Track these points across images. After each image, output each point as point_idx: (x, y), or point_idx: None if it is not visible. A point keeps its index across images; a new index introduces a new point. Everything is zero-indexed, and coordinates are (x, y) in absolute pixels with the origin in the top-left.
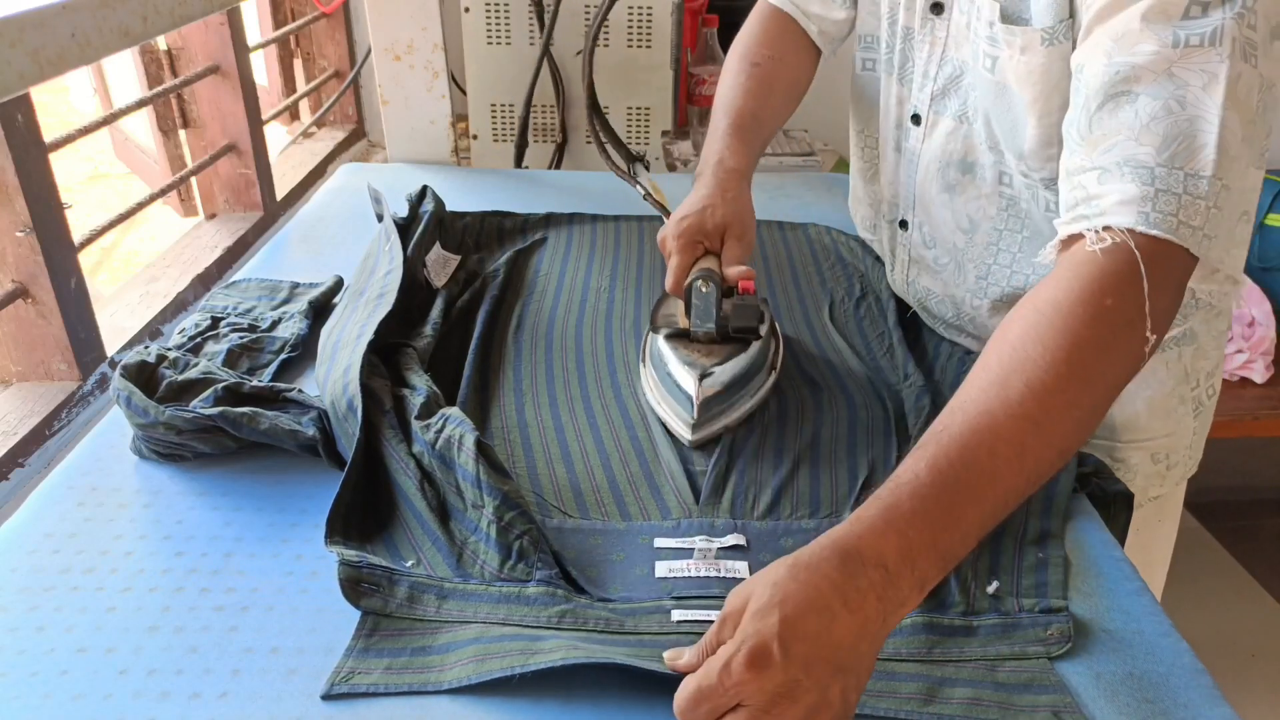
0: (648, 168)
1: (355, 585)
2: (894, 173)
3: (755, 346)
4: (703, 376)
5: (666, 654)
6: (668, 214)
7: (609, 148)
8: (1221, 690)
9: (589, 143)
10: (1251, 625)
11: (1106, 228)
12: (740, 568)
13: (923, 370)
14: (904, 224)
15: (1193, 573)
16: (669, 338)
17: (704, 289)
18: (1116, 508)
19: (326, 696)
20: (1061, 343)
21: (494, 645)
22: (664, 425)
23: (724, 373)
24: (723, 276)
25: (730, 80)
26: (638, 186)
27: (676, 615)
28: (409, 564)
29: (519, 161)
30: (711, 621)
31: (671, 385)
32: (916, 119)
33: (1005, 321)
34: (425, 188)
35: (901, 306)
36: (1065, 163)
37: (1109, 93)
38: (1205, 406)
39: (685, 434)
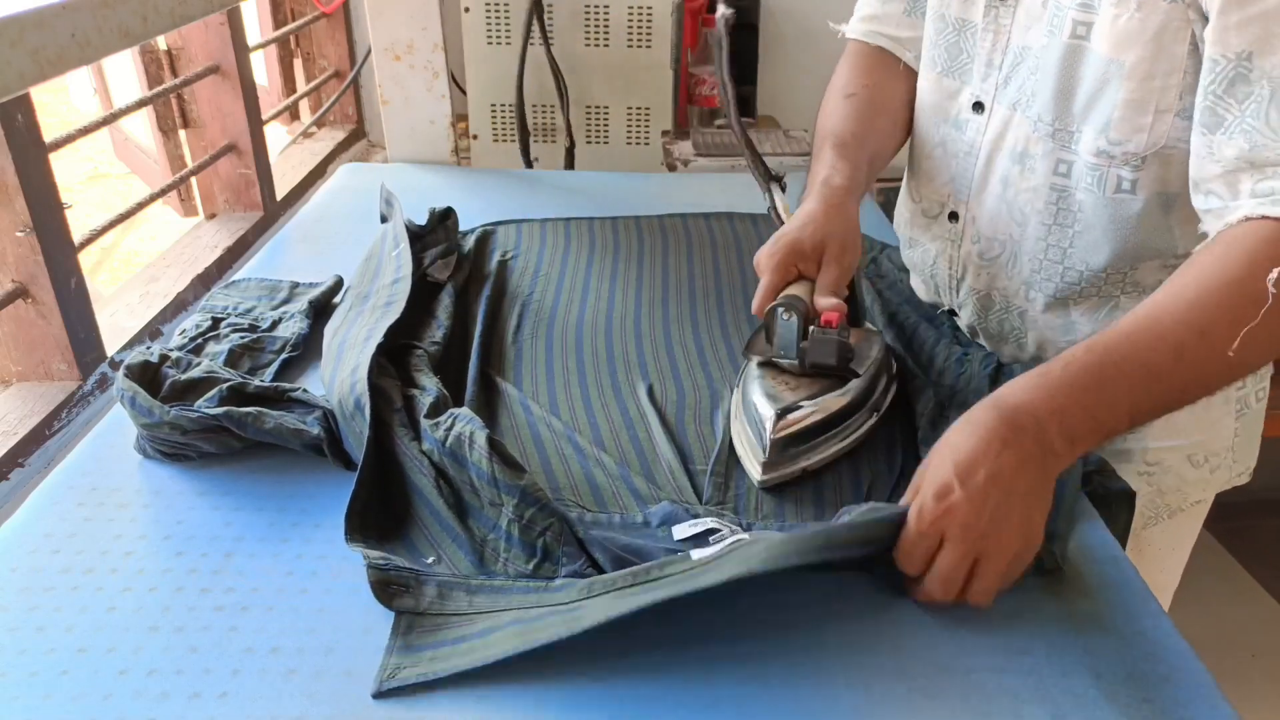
0: (784, 189)
1: (385, 587)
2: (942, 166)
3: (854, 384)
4: (783, 412)
5: None
6: None
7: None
8: (1222, 690)
9: (599, 143)
10: (1251, 625)
11: None
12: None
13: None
14: (954, 216)
15: (1193, 573)
16: (762, 364)
17: (785, 316)
18: (1117, 507)
19: (378, 695)
20: (1241, 271)
21: (534, 624)
22: (739, 460)
23: (806, 412)
24: (811, 305)
25: (828, 111)
26: (767, 197)
27: (695, 554)
28: (429, 561)
29: (526, 160)
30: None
31: (752, 415)
32: (979, 106)
33: (1195, 254)
34: (451, 213)
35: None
36: (1227, 147)
37: None
38: (1252, 409)
39: (756, 473)
